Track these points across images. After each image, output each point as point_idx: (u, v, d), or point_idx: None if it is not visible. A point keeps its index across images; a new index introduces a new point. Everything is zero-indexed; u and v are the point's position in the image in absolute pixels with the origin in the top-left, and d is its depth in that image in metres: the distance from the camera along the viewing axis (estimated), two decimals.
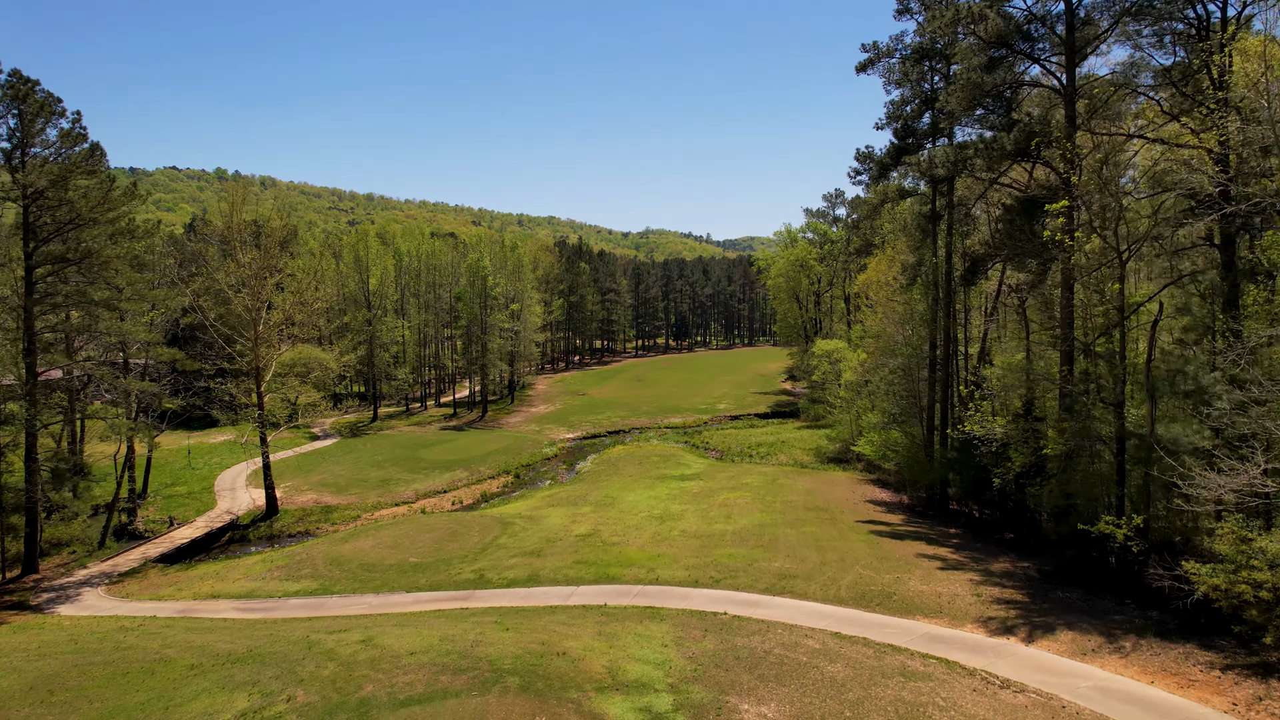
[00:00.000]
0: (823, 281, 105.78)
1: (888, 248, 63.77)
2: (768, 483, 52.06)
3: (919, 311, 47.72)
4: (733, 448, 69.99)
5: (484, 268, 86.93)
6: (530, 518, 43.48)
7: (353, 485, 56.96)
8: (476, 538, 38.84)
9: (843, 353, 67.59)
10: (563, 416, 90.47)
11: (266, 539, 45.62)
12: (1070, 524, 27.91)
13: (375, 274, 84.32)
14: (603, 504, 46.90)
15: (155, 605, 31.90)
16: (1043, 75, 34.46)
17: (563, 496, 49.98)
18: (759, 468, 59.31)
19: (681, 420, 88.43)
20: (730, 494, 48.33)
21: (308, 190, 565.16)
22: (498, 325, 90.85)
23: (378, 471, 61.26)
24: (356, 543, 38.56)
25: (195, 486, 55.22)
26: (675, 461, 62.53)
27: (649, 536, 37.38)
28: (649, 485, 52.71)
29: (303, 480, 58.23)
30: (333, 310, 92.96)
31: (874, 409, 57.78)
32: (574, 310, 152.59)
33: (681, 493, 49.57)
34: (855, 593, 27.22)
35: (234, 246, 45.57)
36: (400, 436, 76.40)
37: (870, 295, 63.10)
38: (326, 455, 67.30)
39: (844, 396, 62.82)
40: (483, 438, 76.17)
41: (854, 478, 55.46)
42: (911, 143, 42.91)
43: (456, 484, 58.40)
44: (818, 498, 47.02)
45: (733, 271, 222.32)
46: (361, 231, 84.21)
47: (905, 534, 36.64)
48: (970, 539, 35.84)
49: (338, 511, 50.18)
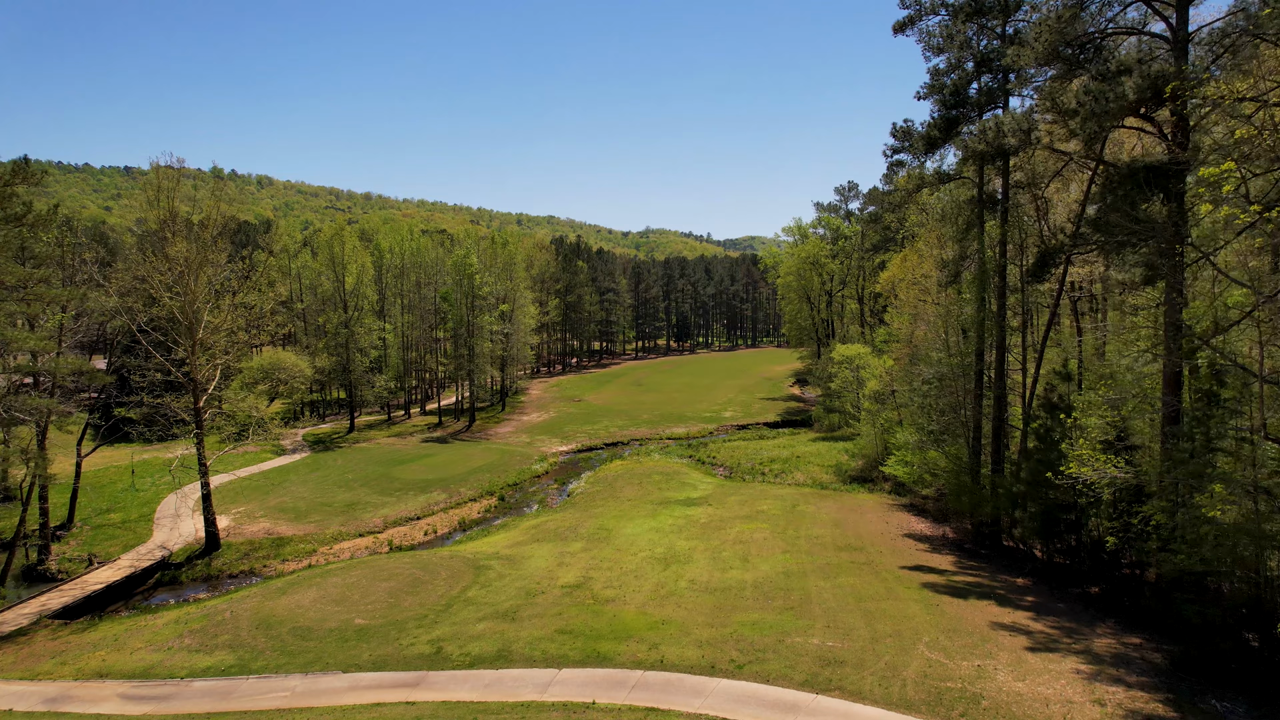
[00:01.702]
0: (835, 280, 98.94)
1: (917, 241, 57.00)
2: (787, 510, 45.31)
3: (965, 314, 40.95)
4: (742, 463, 63.21)
5: (471, 265, 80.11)
6: (509, 558, 36.71)
7: (314, 511, 50.17)
8: (441, 588, 32.06)
9: (865, 359, 60.79)
10: (556, 426, 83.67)
11: (202, 581, 38.88)
12: (1206, 608, 21.14)
13: (352, 272, 77.54)
14: (596, 538, 40.14)
15: (24, 688, 25.13)
16: (1141, 22, 27.65)
17: (550, 528, 43.21)
18: (774, 489, 52.52)
19: (685, 430, 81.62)
20: (745, 525, 41.58)
21: (305, 189, 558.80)
22: (487, 327, 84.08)
23: (345, 494, 54.47)
24: (296, 595, 31.76)
25: (134, 513, 48.42)
26: (679, 481, 55.76)
27: (650, 589, 30.61)
28: (650, 512, 45.95)
29: (258, 504, 51.43)
30: (310, 310, 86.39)
31: (905, 424, 51.02)
32: (571, 311, 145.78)
33: (688, 523, 42.83)
34: (927, 692, 20.42)
35: (168, 240, 38.82)
36: (377, 450, 69.60)
37: (899, 295, 56.31)
38: (291, 473, 60.51)
39: (869, 409, 56.01)
40: (467, 452, 69.35)
41: (883, 502, 48.71)
42: (961, 113, 36.14)
43: (432, 508, 51.63)
44: (848, 531, 40.25)
45: (735, 270, 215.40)
46: (336, 226, 77.39)
47: (965, 587, 29.85)
48: (1047, 594, 29.05)
49: (291, 545, 43.41)
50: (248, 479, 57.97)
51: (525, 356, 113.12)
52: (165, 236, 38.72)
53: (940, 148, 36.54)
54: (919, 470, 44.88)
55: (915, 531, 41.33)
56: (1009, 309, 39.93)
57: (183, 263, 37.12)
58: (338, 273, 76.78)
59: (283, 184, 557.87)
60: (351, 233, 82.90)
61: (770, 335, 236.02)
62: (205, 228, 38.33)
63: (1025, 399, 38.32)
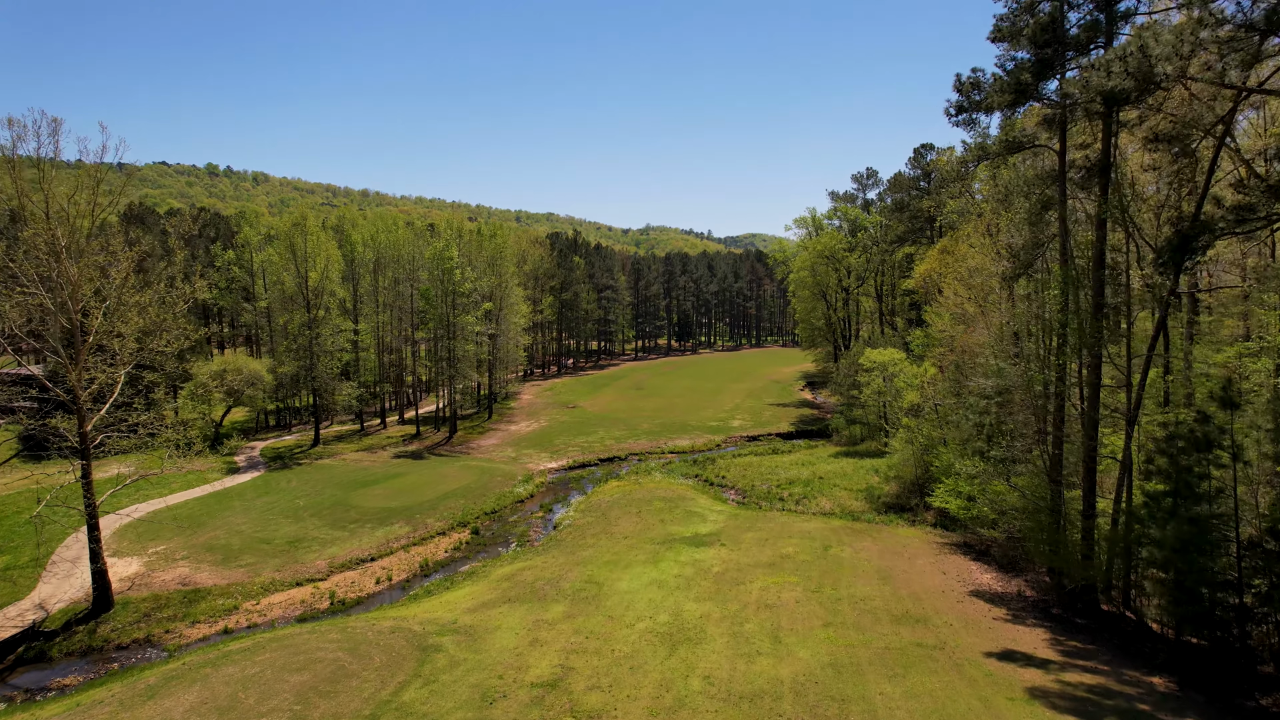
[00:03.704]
0: (853, 275, 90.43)
1: (964, 228, 48.64)
2: (818, 553, 37.04)
3: (1049, 313, 32.57)
4: (757, 485, 54.90)
5: (450, 258, 71.66)
6: (468, 631, 28.37)
7: (249, 550, 41.88)
8: (370, 686, 23.75)
9: (900, 365, 52.36)
10: (547, 438, 75.29)
11: (80, 655, 30.55)
12: None
13: (317, 266, 69.10)
14: (583, 596, 31.85)
15: None
16: None
17: (526, 580, 34.89)
18: (798, 522, 44.22)
19: (689, 443, 73.23)
20: (769, 577, 33.29)
21: (301, 186, 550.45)
22: (470, 328, 75.67)
23: (291, 526, 46.16)
24: (168, 700, 23.42)
25: (24, 555, 40.07)
26: (685, 510, 47.47)
27: (651, 694, 22.31)
28: (651, 555, 37.68)
29: (184, 541, 43.10)
30: (274, 309, 77.96)
31: (950, 444, 42.68)
32: (567, 309, 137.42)
33: (698, 572, 34.57)
34: None
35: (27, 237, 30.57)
36: (340, 469, 61.27)
37: (942, 291, 47.94)
38: (235, 498, 52.18)
39: (907, 425, 47.60)
40: (442, 470, 61.01)
41: (930, 540, 40.47)
42: (1056, 52, 27.73)
43: (392, 545, 43.33)
44: (900, 587, 31.96)
45: (740, 267, 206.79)
46: (297, 215, 68.91)
47: (1089, 698, 21.49)
48: (1213, 714, 20.69)
49: (207, 600, 35.13)
50: (180, 507, 49.64)
51: (516, 358, 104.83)
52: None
53: (1031, 98, 28.11)
54: (981, 506, 36.57)
55: (983, 586, 33.02)
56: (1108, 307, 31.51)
57: (48, 260, 28.83)
58: (300, 267, 68.35)
59: (279, 180, 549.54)
60: (315, 222, 74.36)
61: (775, 334, 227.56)
62: (78, 219, 29.99)
63: (1130, 422, 29.94)
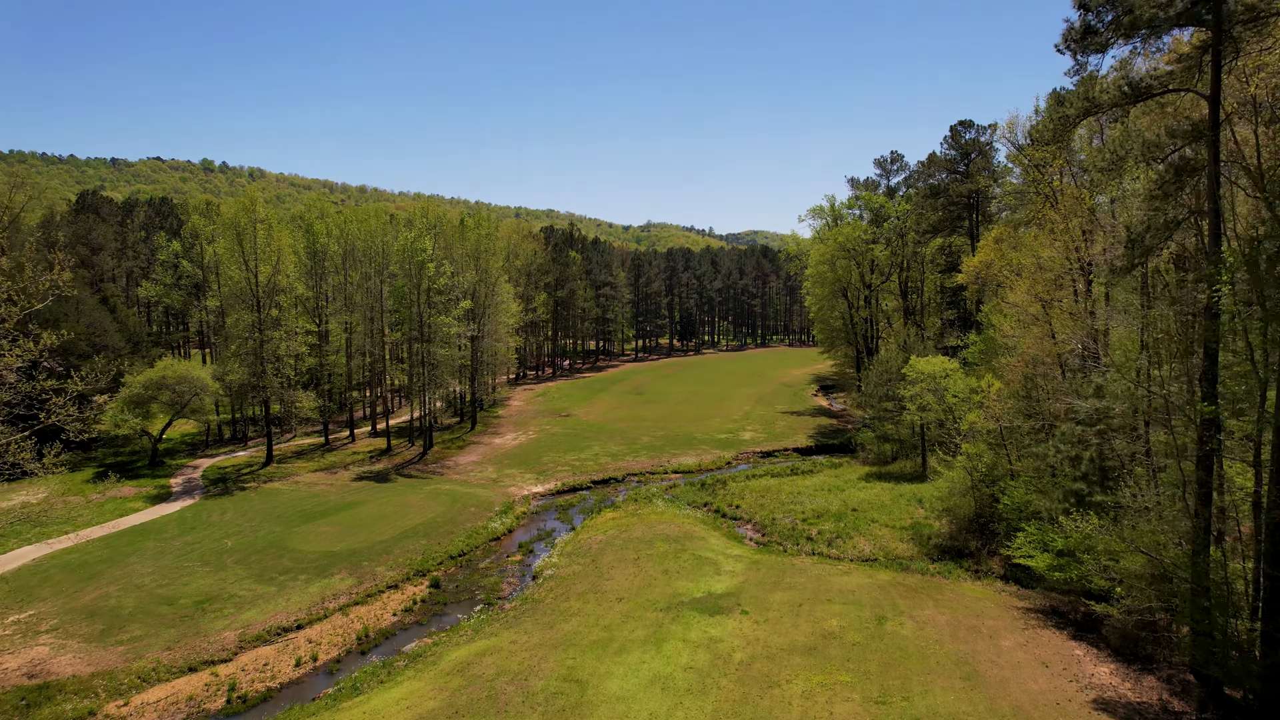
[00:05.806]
0: (877, 270, 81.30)
1: (1039, 208, 39.65)
2: (871, 632, 28.17)
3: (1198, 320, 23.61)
4: (779, 518, 45.99)
5: (422, 251, 62.66)
6: None
7: (141, 615, 33.01)
8: None
9: (955, 378, 43.30)
10: (534, 455, 66.38)
11: None
12: None
13: (269, 261, 60.19)
14: (557, 711, 22.99)
15: None
16: None
17: (485, 676, 26.00)
18: (835, 574, 35.33)
19: (695, 460, 64.33)
20: (813, 677, 24.45)
21: (297, 182, 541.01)
22: (448, 329, 66.73)
23: (208, 578, 37.30)
24: None
25: None
26: (694, 554, 38.61)
27: None
28: (653, 632, 28.81)
29: (60, 604, 34.16)
30: (227, 307, 69.04)
31: (1024, 478, 33.75)
32: (562, 307, 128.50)
33: (715, 662, 25.75)
34: None
35: None
36: (288, 496, 52.36)
37: (1013, 290, 38.95)
38: (151, 536, 43.33)
39: (968, 451, 38.58)
40: (407, 498, 52.07)
41: (1007, 604, 31.64)
42: None
43: (327, 605, 34.48)
44: (996, 697, 23.09)
45: (745, 263, 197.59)
46: (243, 201, 59.72)
47: None
48: None
49: (53, 704, 26.21)
50: (78, 550, 40.77)
51: (506, 360, 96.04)
52: None
53: None
54: (1085, 567, 27.66)
55: (1107, 690, 24.11)
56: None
57: None
58: (248, 262, 59.40)
59: (275, 176, 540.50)
60: (271, 211, 65.39)
61: (781, 333, 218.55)
62: None
63: None
